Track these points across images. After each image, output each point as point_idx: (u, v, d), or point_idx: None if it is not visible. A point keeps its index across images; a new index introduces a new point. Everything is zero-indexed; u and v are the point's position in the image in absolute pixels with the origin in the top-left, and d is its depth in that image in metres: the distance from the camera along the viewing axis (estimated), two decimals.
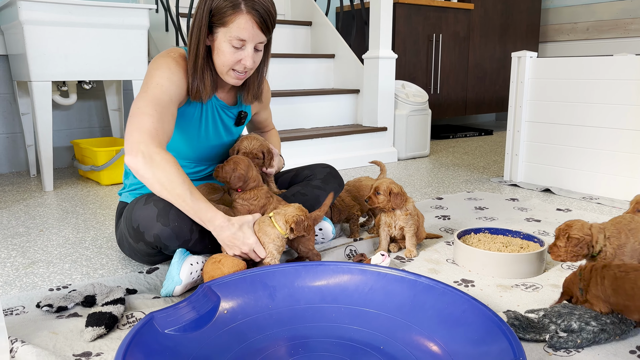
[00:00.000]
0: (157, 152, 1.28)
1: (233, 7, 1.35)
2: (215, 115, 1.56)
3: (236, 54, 1.40)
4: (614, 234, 1.29)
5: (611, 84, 2.31)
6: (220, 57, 1.41)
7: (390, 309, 1.21)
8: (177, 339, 1.06)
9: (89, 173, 2.80)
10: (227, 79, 1.46)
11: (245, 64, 1.41)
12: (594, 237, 1.28)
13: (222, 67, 1.43)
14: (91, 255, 1.68)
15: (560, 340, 1.10)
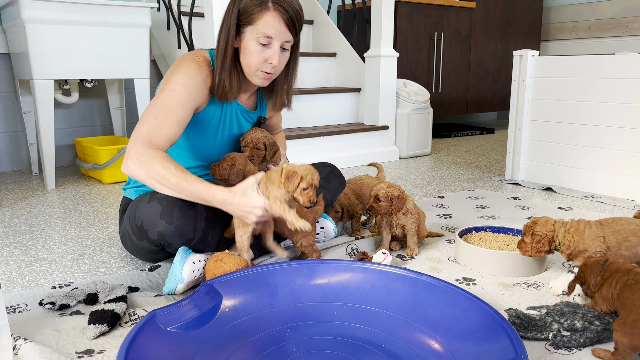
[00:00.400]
0: (144, 153, 1.30)
1: (260, 4, 1.36)
2: (233, 119, 1.57)
3: (263, 53, 1.40)
4: (576, 229, 1.33)
5: (613, 83, 2.30)
6: (247, 56, 1.41)
7: (392, 307, 1.21)
8: (179, 337, 1.06)
9: (90, 171, 2.80)
10: (254, 80, 1.46)
11: (272, 62, 1.40)
12: (555, 233, 1.35)
13: (249, 67, 1.43)
14: (93, 254, 1.69)
15: (563, 339, 1.10)
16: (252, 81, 1.47)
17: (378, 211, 1.60)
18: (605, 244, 1.31)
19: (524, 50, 2.57)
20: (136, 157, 1.30)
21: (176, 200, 1.34)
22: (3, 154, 3.04)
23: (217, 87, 1.44)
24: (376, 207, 1.60)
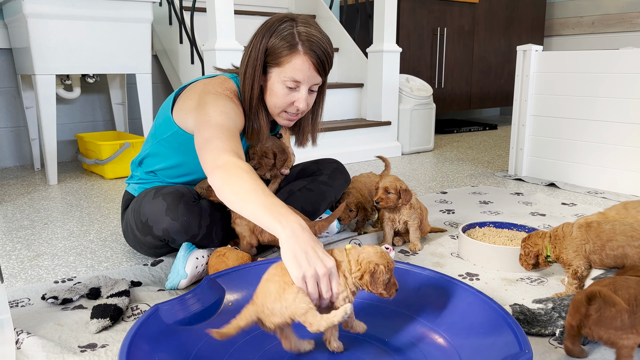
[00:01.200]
0: (227, 161, 1.10)
1: (290, 47, 1.27)
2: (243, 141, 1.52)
3: (289, 96, 1.33)
4: (555, 237, 1.31)
5: (617, 78, 2.29)
6: (273, 98, 1.34)
7: (395, 301, 1.20)
8: (182, 331, 1.06)
9: (92, 167, 2.80)
10: (278, 120, 1.40)
11: (299, 107, 1.34)
12: (541, 247, 1.33)
13: (274, 108, 1.36)
14: (96, 248, 1.69)
15: None
16: (277, 121, 1.41)
17: (387, 203, 1.59)
18: (587, 257, 1.27)
19: (527, 45, 2.56)
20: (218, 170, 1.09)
21: (181, 196, 1.34)
22: (5, 149, 3.04)
23: (248, 130, 1.36)
24: (385, 199, 1.59)
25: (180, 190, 1.36)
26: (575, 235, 1.28)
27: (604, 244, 1.26)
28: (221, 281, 1.21)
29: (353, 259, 0.98)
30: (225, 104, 1.28)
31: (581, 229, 1.29)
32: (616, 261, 1.26)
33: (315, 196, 1.59)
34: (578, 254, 1.27)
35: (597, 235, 1.27)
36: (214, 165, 1.10)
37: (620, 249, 1.25)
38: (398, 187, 1.59)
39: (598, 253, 1.26)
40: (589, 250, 1.27)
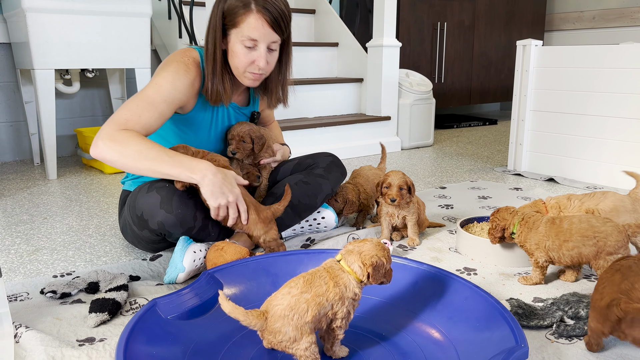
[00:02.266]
0: (117, 134, 1.25)
1: (244, 6, 1.34)
2: (225, 117, 1.56)
3: (249, 55, 1.38)
4: (526, 223, 1.35)
5: (617, 73, 2.28)
6: (235, 59, 1.40)
7: (393, 296, 1.21)
8: (180, 325, 1.06)
9: (92, 161, 2.80)
10: (243, 81, 1.45)
11: (259, 65, 1.39)
12: (509, 222, 1.38)
13: (236, 69, 1.42)
14: (95, 243, 1.69)
15: (567, 328, 1.11)
16: (242, 82, 1.46)
17: (402, 200, 1.58)
18: (547, 252, 1.31)
19: (527, 40, 2.55)
20: (108, 137, 1.25)
21: (175, 190, 1.34)
22: (5, 144, 3.04)
23: (210, 93, 1.42)
24: (400, 197, 1.58)
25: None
26: (540, 230, 1.33)
27: (561, 244, 1.30)
28: (219, 276, 1.22)
29: (356, 264, 0.98)
30: (170, 74, 1.36)
31: (547, 224, 1.33)
32: (572, 260, 1.30)
33: (312, 189, 1.59)
34: (538, 247, 1.33)
35: (556, 234, 1.31)
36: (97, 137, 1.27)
37: (575, 249, 1.28)
38: (409, 182, 1.60)
39: (556, 251, 1.30)
40: (548, 247, 1.31)
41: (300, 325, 0.91)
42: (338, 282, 0.96)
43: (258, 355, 1.02)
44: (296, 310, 0.91)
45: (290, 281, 0.97)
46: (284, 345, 0.92)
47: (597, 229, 1.26)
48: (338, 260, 1.00)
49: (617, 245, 1.24)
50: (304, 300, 0.92)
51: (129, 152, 1.25)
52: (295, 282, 0.96)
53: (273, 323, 0.91)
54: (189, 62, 1.41)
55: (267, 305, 0.95)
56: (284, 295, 0.94)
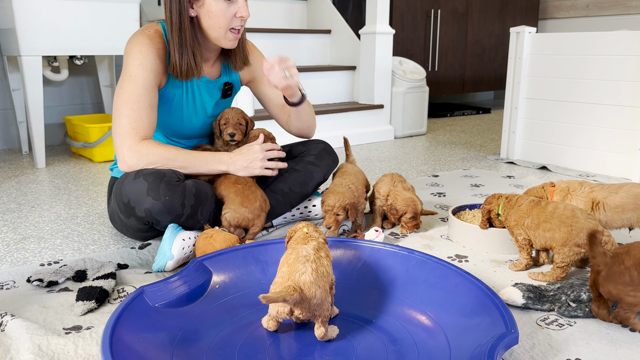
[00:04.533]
0: (139, 146, 1.35)
1: None
2: (196, 92, 1.53)
3: (230, 9, 1.38)
4: (509, 201, 1.39)
5: (609, 60, 2.28)
6: (215, 20, 1.38)
7: (383, 283, 1.20)
8: (167, 313, 1.05)
9: (81, 150, 2.77)
10: (224, 43, 1.43)
11: (243, 15, 1.38)
12: (494, 205, 1.42)
13: (218, 30, 1.39)
14: (83, 231, 1.67)
15: (569, 309, 1.12)
16: (223, 45, 1.43)
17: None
18: (525, 230, 1.33)
19: (520, 27, 2.54)
20: (132, 153, 1.35)
21: (163, 176, 1.32)
22: None
23: (179, 67, 1.40)
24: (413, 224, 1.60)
25: (162, 170, 1.34)
26: (522, 207, 1.35)
27: (540, 224, 1.30)
28: (208, 263, 1.21)
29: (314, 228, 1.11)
30: (136, 58, 1.36)
31: (530, 204, 1.35)
32: (545, 242, 1.31)
33: (303, 177, 1.58)
34: (517, 224, 1.35)
35: (537, 214, 1.32)
36: (122, 154, 1.36)
37: (550, 232, 1.28)
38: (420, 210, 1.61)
39: (533, 230, 1.32)
40: (527, 225, 1.33)
41: (325, 287, 0.99)
42: (320, 248, 1.04)
43: (247, 343, 1.01)
44: (320, 274, 0.98)
45: (287, 257, 1.02)
46: (315, 308, 0.97)
47: (576, 219, 1.26)
48: (306, 232, 1.09)
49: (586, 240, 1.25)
50: (322, 265, 1.00)
51: (157, 160, 1.36)
52: (296, 255, 1.00)
53: (308, 290, 0.95)
54: (151, 33, 1.40)
55: (290, 279, 0.96)
56: (302, 265, 0.98)
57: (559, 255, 1.26)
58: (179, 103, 1.49)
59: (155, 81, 1.39)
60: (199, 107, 1.54)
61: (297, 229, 1.10)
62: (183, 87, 1.49)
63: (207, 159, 1.43)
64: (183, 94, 1.49)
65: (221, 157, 1.44)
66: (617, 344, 1.02)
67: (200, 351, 0.98)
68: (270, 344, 1.01)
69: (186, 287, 1.12)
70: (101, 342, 0.88)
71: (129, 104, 1.35)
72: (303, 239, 1.06)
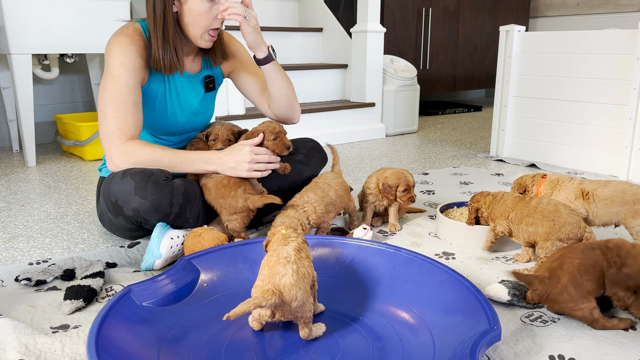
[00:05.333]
0: (125, 146, 1.36)
1: None
2: (179, 88, 1.52)
3: (213, 9, 1.37)
4: (494, 197, 1.43)
5: (598, 59, 2.29)
6: (197, 19, 1.38)
7: (370, 281, 1.21)
8: (155, 312, 1.06)
9: (72, 148, 2.76)
10: (201, 43, 1.43)
11: (224, 17, 1.38)
12: (481, 204, 1.45)
13: (197, 28, 1.40)
14: (72, 230, 1.67)
15: None
16: (198, 44, 1.44)
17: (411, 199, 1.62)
18: (509, 224, 1.37)
19: (510, 25, 2.55)
20: (119, 153, 1.36)
21: (150, 175, 1.32)
22: None
23: (161, 62, 1.40)
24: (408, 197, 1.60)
25: (150, 169, 1.35)
26: (508, 202, 1.39)
27: (523, 218, 1.34)
28: (196, 262, 1.21)
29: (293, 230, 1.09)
30: (117, 57, 1.36)
31: (515, 199, 1.39)
32: (528, 236, 1.34)
33: (292, 175, 1.58)
34: (502, 217, 1.38)
35: (521, 208, 1.35)
36: (109, 155, 1.36)
37: (533, 226, 1.31)
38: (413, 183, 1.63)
39: (517, 224, 1.35)
40: (511, 219, 1.36)
41: (306, 288, 0.98)
42: (301, 249, 1.03)
43: (234, 341, 1.02)
44: (301, 275, 0.98)
45: (268, 259, 1.01)
46: (297, 310, 0.97)
47: (559, 214, 1.29)
48: (284, 233, 1.07)
49: (568, 235, 1.27)
50: (302, 265, 0.99)
51: (143, 161, 1.36)
52: (276, 257, 1.00)
53: (288, 292, 0.95)
54: (130, 32, 1.41)
55: (270, 282, 0.96)
56: (282, 267, 0.97)
57: (542, 250, 1.29)
58: (163, 100, 1.50)
59: (137, 79, 1.39)
60: (184, 103, 1.54)
61: (276, 232, 1.09)
62: (165, 84, 1.49)
63: (193, 159, 1.41)
64: (166, 91, 1.49)
65: (209, 156, 1.42)
66: (599, 340, 1.04)
67: (187, 349, 0.98)
68: (256, 342, 1.02)
69: (174, 286, 1.12)
70: (87, 340, 0.88)
71: (113, 104, 1.35)
72: (283, 240, 1.05)
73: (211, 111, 1.66)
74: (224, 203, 1.41)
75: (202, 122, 1.63)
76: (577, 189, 1.45)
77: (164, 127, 1.54)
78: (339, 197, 1.55)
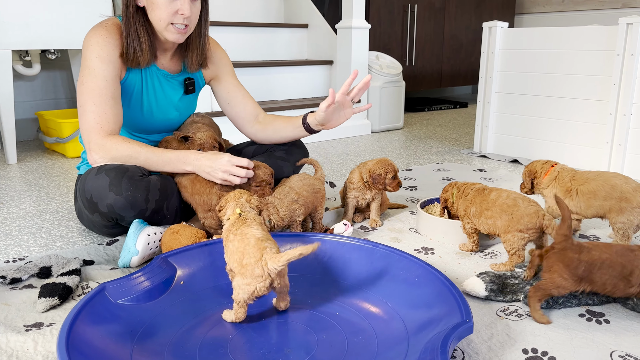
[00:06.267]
0: (104, 141, 1.36)
1: None
2: (157, 85, 1.51)
3: (172, 4, 1.35)
4: (459, 190, 1.45)
5: (580, 55, 2.31)
6: (156, 11, 1.36)
7: (348, 276, 1.21)
8: (129, 309, 1.05)
9: (54, 145, 2.73)
10: (167, 36, 1.41)
11: (184, 13, 1.36)
12: (448, 195, 1.47)
13: (159, 22, 1.38)
14: (51, 227, 1.65)
15: None
16: (166, 38, 1.41)
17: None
18: (471, 219, 1.39)
19: (493, 22, 2.56)
20: (97, 148, 1.36)
21: (125, 171, 1.31)
22: None
23: (126, 53, 1.40)
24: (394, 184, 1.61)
25: (125, 165, 1.34)
26: (469, 197, 1.41)
27: (482, 212, 1.36)
28: (173, 260, 1.20)
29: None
30: (93, 51, 1.36)
31: (475, 193, 1.40)
32: (489, 229, 1.35)
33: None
34: (465, 214, 1.40)
35: (480, 202, 1.37)
36: (90, 149, 1.37)
37: (492, 219, 1.33)
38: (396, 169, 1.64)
39: (477, 218, 1.37)
40: (472, 214, 1.38)
41: None
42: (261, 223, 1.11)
43: (209, 337, 1.02)
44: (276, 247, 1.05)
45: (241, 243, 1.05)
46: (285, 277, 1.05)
47: (517, 208, 1.30)
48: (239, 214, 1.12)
49: (527, 226, 1.28)
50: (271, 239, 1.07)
51: (120, 157, 1.36)
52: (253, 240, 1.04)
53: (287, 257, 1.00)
54: (108, 25, 1.40)
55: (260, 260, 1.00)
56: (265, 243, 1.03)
57: (506, 244, 1.31)
58: (139, 96, 1.48)
59: (114, 72, 1.38)
60: (161, 102, 1.53)
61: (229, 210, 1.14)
62: (143, 80, 1.48)
63: (171, 159, 1.39)
64: (143, 87, 1.48)
65: (187, 157, 1.39)
66: (572, 334, 1.05)
67: (161, 346, 0.98)
68: (232, 338, 1.01)
69: (149, 283, 1.12)
70: (57, 338, 0.87)
71: (91, 99, 1.35)
72: (241, 222, 1.09)
73: (188, 113, 1.65)
74: (199, 200, 1.40)
75: (179, 123, 1.62)
76: (565, 186, 1.46)
77: (140, 124, 1.53)
78: (303, 198, 1.48)
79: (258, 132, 1.66)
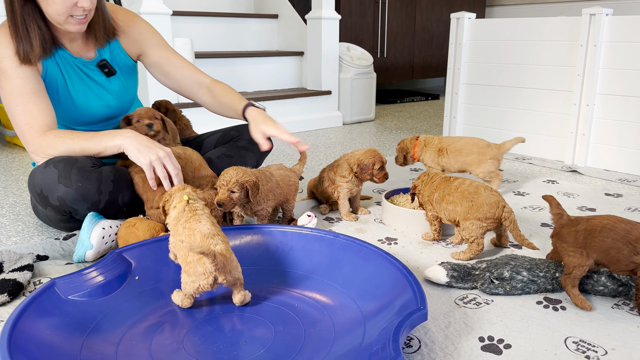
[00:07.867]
0: (40, 141, 1.33)
1: None
2: (79, 74, 1.45)
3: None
4: (426, 176, 1.45)
5: (545, 46, 2.34)
6: (52, 5, 1.25)
7: (309, 267, 1.20)
8: (80, 305, 1.02)
9: (15, 139, 2.65)
10: (68, 28, 1.31)
11: (84, 5, 1.27)
12: (418, 182, 1.46)
13: (57, 16, 1.27)
14: (7, 222, 1.60)
15: (490, 287, 1.15)
16: (67, 29, 1.32)
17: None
18: (433, 206, 1.40)
19: (460, 12, 2.57)
20: (35, 149, 1.33)
21: (75, 162, 1.27)
22: None
23: (17, 53, 1.30)
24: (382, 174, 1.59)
25: (74, 157, 1.30)
26: (435, 183, 1.41)
27: (444, 197, 1.36)
28: (128, 255, 1.17)
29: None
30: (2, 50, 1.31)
31: (441, 180, 1.41)
32: (449, 215, 1.37)
33: (235, 162, 1.56)
34: (428, 200, 1.41)
35: (443, 188, 1.37)
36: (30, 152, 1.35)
37: (452, 205, 1.34)
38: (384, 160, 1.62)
39: (439, 203, 1.37)
40: (435, 199, 1.39)
41: None
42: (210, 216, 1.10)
43: (163, 332, 0.99)
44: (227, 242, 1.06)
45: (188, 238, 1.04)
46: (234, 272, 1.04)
47: (478, 195, 1.31)
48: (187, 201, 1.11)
49: (486, 215, 1.29)
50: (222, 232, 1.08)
51: (59, 152, 1.33)
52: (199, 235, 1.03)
53: (228, 253, 1.02)
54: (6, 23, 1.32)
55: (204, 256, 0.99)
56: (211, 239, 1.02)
57: (465, 231, 1.31)
58: (65, 89, 1.43)
59: (28, 68, 1.32)
60: (90, 90, 1.47)
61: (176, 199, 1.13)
62: (62, 72, 1.41)
63: (102, 137, 1.32)
64: (65, 78, 1.42)
65: (120, 131, 1.32)
66: (529, 321, 1.06)
67: (113, 342, 0.95)
68: (186, 332, 0.99)
69: (102, 278, 1.09)
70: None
71: (12, 101, 1.31)
72: (190, 212, 1.08)
73: (128, 96, 1.56)
74: (146, 197, 1.37)
75: (120, 108, 1.56)
76: (436, 147, 1.78)
77: (77, 116, 1.47)
78: (279, 188, 1.49)
79: (209, 103, 1.60)
